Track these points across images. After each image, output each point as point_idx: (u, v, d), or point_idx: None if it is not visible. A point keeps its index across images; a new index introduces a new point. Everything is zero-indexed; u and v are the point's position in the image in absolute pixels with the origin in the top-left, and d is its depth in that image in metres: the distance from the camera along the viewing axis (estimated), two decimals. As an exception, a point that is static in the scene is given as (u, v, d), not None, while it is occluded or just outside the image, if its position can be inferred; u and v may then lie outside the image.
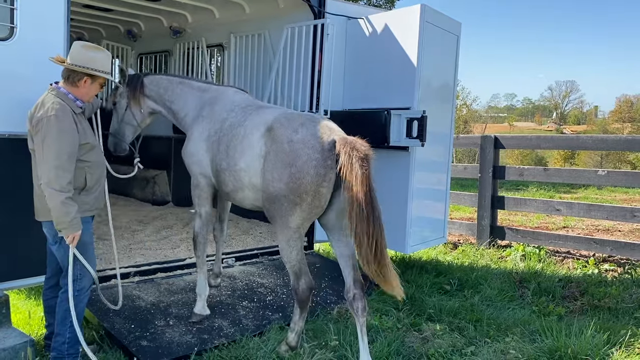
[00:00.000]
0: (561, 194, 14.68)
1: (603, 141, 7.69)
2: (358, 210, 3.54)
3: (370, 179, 3.60)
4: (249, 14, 7.30)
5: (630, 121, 72.77)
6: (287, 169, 3.74)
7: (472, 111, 53.09)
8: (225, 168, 4.24)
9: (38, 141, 3.39)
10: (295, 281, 3.98)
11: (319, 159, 3.71)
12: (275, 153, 3.84)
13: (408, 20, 5.80)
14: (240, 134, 4.18)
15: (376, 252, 3.60)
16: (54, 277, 3.90)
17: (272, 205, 3.88)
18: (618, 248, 6.89)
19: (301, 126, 3.86)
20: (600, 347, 4.16)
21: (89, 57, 3.63)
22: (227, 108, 4.52)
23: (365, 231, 3.54)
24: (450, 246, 8.06)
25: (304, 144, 3.75)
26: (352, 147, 3.64)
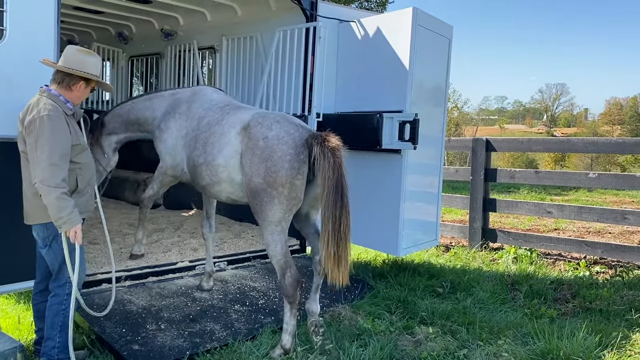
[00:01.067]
0: (552, 196, 14.75)
1: (593, 144, 7.74)
2: (329, 195, 3.85)
3: (343, 167, 3.92)
4: (241, 17, 7.29)
5: (620, 124, 73.43)
6: (264, 164, 4.00)
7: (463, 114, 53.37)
8: (202, 163, 4.46)
9: (31, 142, 3.39)
10: (281, 276, 4.10)
11: (293, 153, 3.97)
12: (251, 150, 4.09)
13: (400, 23, 5.81)
14: (218, 131, 4.43)
15: (340, 234, 3.87)
16: (44, 281, 3.86)
17: (254, 200, 4.10)
18: (609, 250, 6.92)
19: (275, 123, 4.14)
20: (592, 350, 4.18)
21: (84, 61, 3.67)
22: (205, 106, 4.76)
23: (333, 214, 3.84)
24: (442, 249, 8.07)
25: (278, 140, 4.02)
26: (324, 139, 3.95)
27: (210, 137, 4.45)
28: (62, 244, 3.53)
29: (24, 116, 3.49)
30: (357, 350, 4.10)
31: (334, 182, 3.84)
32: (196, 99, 4.91)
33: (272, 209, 4.01)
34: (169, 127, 4.89)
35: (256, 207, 4.11)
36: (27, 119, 3.43)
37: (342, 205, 3.87)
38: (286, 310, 4.12)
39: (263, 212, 4.05)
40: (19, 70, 3.95)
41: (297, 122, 4.22)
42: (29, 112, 3.46)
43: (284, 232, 4.13)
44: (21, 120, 3.51)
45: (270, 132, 4.07)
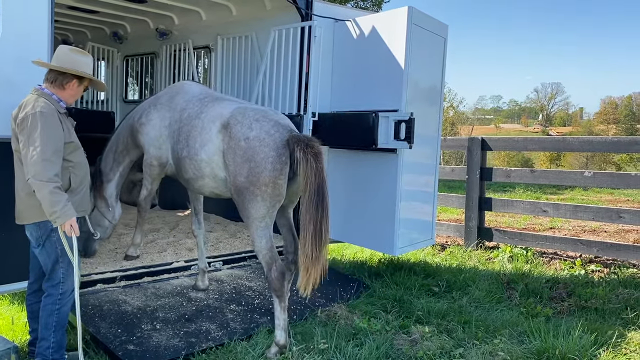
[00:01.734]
0: (548, 195, 14.78)
1: (589, 142, 7.75)
2: (311, 199, 3.96)
3: (324, 173, 4.04)
4: (236, 16, 7.27)
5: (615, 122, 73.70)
6: (247, 164, 4.08)
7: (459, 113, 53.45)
8: (185, 156, 4.53)
9: (24, 139, 3.40)
10: (267, 271, 4.18)
11: (274, 155, 4.05)
12: (233, 150, 4.16)
13: (395, 22, 5.80)
14: (198, 125, 4.48)
15: (320, 237, 3.96)
16: (37, 282, 3.84)
17: (239, 197, 4.18)
18: (604, 249, 6.94)
19: (255, 122, 4.18)
20: (587, 348, 4.18)
21: (76, 60, 3.68)
22: (186, 98, 4.83)
23: (314, 217, 3.94)
24: (438, 248, 8.08)
25: (260, 141, 4.08)
26: (306, 144, 4.02)
27: (191, 130, 4.51)
28: (56, 243, 3.53)
29: (16, 114, 3.50)
30: (353, 349, 4.10)
31: (315, 187, 3.95)
32: (178, 91, 4.97)
33: (255, 206, 4.10)
34: (150, 118, 4.92)
35: (240, 204, 4.20)
36: (19, 117, 3.45)
37: (323, 209, 3.98)
38: (275, 305, 4.16)
39: (247, 209, 4.14)
40: (12, 70, 3.93)
41: (275, 120, 4.25)
42: (21, 110, 3.47)
43: (269, 228, 4.19)
44: (14, 118, 3.52)
45: (250, 132, 4.12)
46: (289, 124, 4.34)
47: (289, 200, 4.39)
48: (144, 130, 4.96)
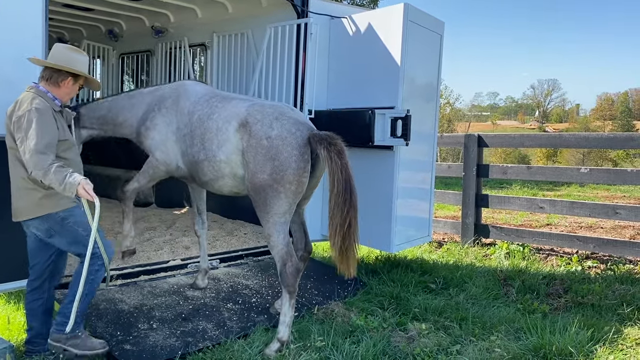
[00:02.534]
0: (544, 191, 14.80)
1: (585, 139, 7.76)
2: (340, 195, 4.03)
3: (350, 169, 4.10)
4: (232, 13, 7.25)
5: (611, 119, 73.91)
6: (270, 162, 4.08)
7: (455, 110, 53.50)
8: (203, 159, 4.47)
9: (20, 136, 3.44)
10: (282, 266, 4.17)
11: (297, 154, 4.09)
12: (254, 148, 4.15)
13: (391, 19, 5.79)
14: (212, 127, 4.42)
15: (349, 230, 4.03)
16: (38, 279, 3.85)
17: (258, 195, 4.17)
18: (601, 245, 6.95)
19: (275, 120, 4.18)
20: (584, 344, 4.19)
21: (72, 58, 3.71)
22: (192, 100, 4.71)
23: (343, 212, 4.01)
24: (435, 245, 8.08)
25: (282, 140, 4.10)
26: (329, 142, 4.08)
27: (205, 132, 4.45)
28: (73, 225, 3.64)
29: (12, 112, 3.53)
30: (350, 347, 4.09)
31: (343, 184, 4.03)
32: (180, 92, 4.85)
33: (278, 202, 4.13)
34: (155, 123, 4.80)
35: (259, 201, 4.19)
36: (15, 115, 3.48)
37: (351, 203, 4.05)
38: (285, 301, 4.17)
39: (268, 205, 4.15)
40: (6, 69, 3.91)
41: (295, 118, 4.27)
42: (17, 108, 3.50)
43: (287, 223, 4.24)
44: (9, 116, 3.55)
45: (272, 131, 4.13)
46: (307, 121, 4.40)
47: (304, 196, 4.42)
48: (149, 135, 4.80)
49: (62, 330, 3.66)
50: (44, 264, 3.85)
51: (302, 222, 4.69)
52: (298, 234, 4.67)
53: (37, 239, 3.77)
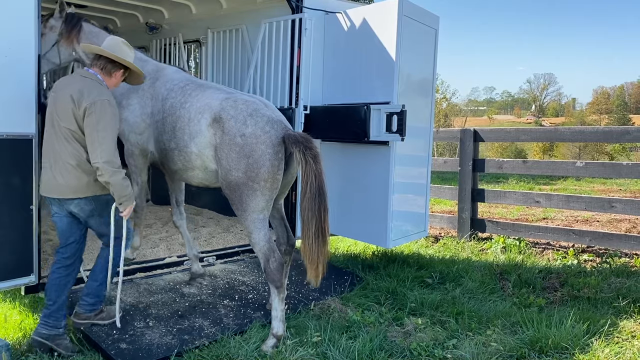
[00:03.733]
0: (540, 185, 14.83)
1: (581, 133, 7.76)
2: (314, 200, 4.08)
3: (323, 174, 4.15)
4: (226, 9, 7.22)
5: (607, 112, 74.06)
6: (244, 160, 4.11)
7: (451, 105, 53.51)
8: (174, 148, 4.50)
9: (91, 122, 3.66)
10: (265, 263, 4.20)
11: (272, 152, 4.11)
12: (228, 145, 4.16)
13: (386, 14, 5.78)
14: (185, 116, 4.44)
15: (322, 232, 4.09)
16: (72, 257, 4.02)
17: (234, 192, 4.20)
18: (597, 238, 6.97)
19: (249, 117, 4.18)
20: (580, 337, 4.21)
21: (125, 51, 3.99)
22: (167, 87, 4.72)
23: (316, 215, 4.07)
24: (431, 239, 8.09)
25: (256, 138, 4.11)
26: (305, 146, 4.09)
27: (177, 121, 4.48)
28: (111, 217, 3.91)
29: (79, 97, 3.69)
30: (346, 342, 4.10)
31: (316, 188, 4.07)
32: (159, 76, 4.84)
33: (254, 200, 4.15)
34: (130, 103, 4.77)
35: (236, 198, 4.21)
36: (86, 101, 3.67)
37: (324, 208, 4.11)
38: (274, 296, 4.20)
39: (244, 203, 4.18)
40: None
41: (269, 116, 4.25)
42: (86, 94, 3.69)
43: (266, 220, 4.26)
44: (76, 100, 3.68)
45: (246, 129, 4.13)
46: (282, 119, 4.37)
47: (280, 191, 4.45)
48: (123, 114, 4.72)
49: (94, 309, 4.12)
50: (77, 243, 4.04)
51: (282, 217, 4.73)
52: (279, 228, 4.71)
53: (69, 219, 3.94)
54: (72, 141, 3.75)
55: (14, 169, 4.02)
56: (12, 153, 4.00)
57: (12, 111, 3.99)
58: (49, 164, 3.81)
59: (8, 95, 3.95)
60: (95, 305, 4.11)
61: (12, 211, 4.02)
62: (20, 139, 4.05)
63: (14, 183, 4.02)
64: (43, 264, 4.66)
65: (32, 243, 4.16)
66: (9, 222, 3.98)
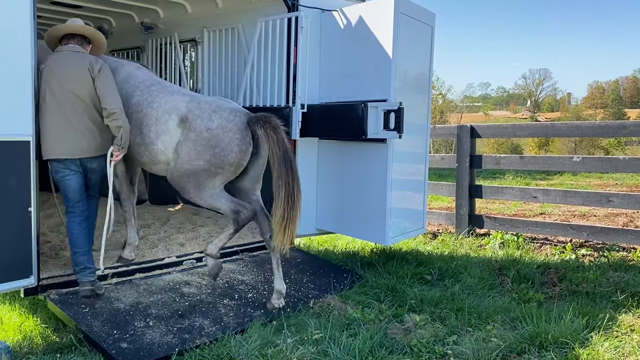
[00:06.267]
0: (537, 181, 14.86)
1: (577, 127, 7.79)
2: (280, 166, 4.42)
3: (287, 141, 4.52)
4: (222, 8, 7.21)
5: (603, 107, 74.19)
6: (210, 150, 4.51)
7: (447, 101, 53.51)
8: (140, 143, 4.79)
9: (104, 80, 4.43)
10: (235, 216, 4.64)
11: (239, 137, 4.54)
12: (194, 140, 4.55)
13: (382, 11, 5.78)
14: (152, 115, 4.75)
15: (293, 197, 4.43)
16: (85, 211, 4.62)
17: (189, 178, 4.61)
18: (594, 233, 6.99)
19: (213, 113, 4.61)
20: (579, 332, 4.22)
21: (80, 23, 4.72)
22: (132, 84, 4.99)
23: (285, 181, 4.41)
24: (429, 236, 8.10)
25: (223, 129, 4.54)
26: (264, 121, 4.53)
27: (144, 119, 4.76)
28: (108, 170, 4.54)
29: (92, 66, 4.40)
30: (347, 339, 4.10)
31: (281, 155, 4.42)
32: (119, 72, 5.03)
33: (213, 182, 4.59)
34: None
35: (191, 184, 4.61)
36: (97, 66, 4.42)
37: (293, 173, 4.45)
38: (227, 230, 4.74)
39: (202, 185, 4.58)
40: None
41: (231, 108, 4.72)
42: (94, 61, 4.46)
43: (223, 190, 4.70)
44: (91, 69, 4.39)
45: (212, 123, 4.56)
46: (243, 109, 4.84)
47: (255, 178, 4.86)
48: None
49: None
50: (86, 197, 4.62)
51: (261, 207, 4.96)
52: (260, 218, 4.90)
53: (81, 176, 4.51)
54: (90, 108, 4.40)
55: (11, 171, 4.00)
56: (9, 156, 3.99)
57: (8, 114, 3.97)
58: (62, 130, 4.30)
59: (3, 98, 3.94)
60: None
61: (10, 213, 4.01)
62: (17, 142, 4.03)
63: (11, 185, 4.01)
64: (42, 266, 4.65)
65: (30, 245, 4.15)
66: (7, 224, 3.97)
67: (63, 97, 4.29)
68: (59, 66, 4.33)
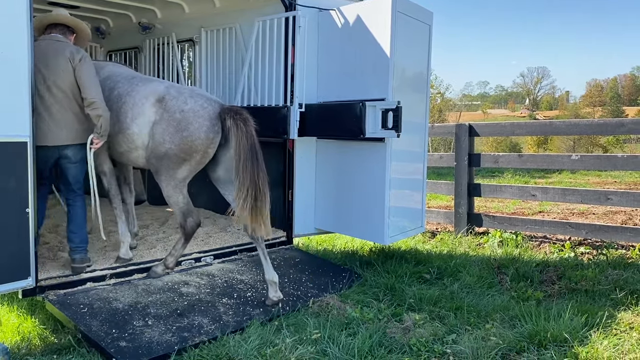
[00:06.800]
0: (536, 179, 14.88)
1: (575, 125, 7.79)
2: (246, 158, 4.53)
3: (255, 135, 4.64)
4: (219, 8, 7.20)
5: (601, 105, 74.30)
6: (180, 134, 4.63)
7: (446, 100, 53.50)
8: (117, 132, 4.88)
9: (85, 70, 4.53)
10: (183, 220, 4.86)
11: (208, 125, 4.67)
12: (167, 121, 4.68)
13: (380, 10, 5.78)
14: (129, 102, 4.87)
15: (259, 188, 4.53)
16: None
17: (161, 161, 4.74)
18: (593, 231, 6.99)
19: (190, 98, 4.75)
20: (578, 330, 4.22)
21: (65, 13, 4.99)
22: (114, 79, 5.14)
23: (251, 172, 4.52)
24: (428, 235, 8.10)
25: (194, 113, 4.67)
26: (235, 112, 4.69)
27: (122, 106, 4.88)
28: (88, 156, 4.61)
29: (72, 56, 4.52)
30: (346, 339, 4.10)
31: (248, 147, 4.55)
32: (101, 72, 5.15)
33: (180, 169, 4.73)
34: None
35: (162, 167, 4.75)
36: (77, 55, 4.54)
37: (258, 165, 4.56)
38: (180, 241, 5.00)
39: (170, 170, 4.73)
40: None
41: (207, 97, 4.88)
42: (75, 51, 4.58)
43: (185, 186, 4.87)
44: (71, 60, 4.50)
45: (186, 105, 4.69)
46: (219, 100, 4.99)
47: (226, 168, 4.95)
48: None
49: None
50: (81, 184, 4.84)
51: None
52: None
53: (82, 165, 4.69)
54: (69, 98, 4.51)
55: (9, 172, 3.98)
56: (6, 157, 3.97)
57: (4, 115, 3.95)
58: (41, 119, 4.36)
59: (0, 99, 3.92)
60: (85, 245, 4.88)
61: (8, 214, 4.00)
62: (15, 142, 4.02)
63: (9, 186, 3.99)
64: (40, 267, 4.65)
65: (29, 246, 4.13)
66: (5, 225, 3.95)
67: (43, 86, 4.42)
68: (40, 55, 4.42)
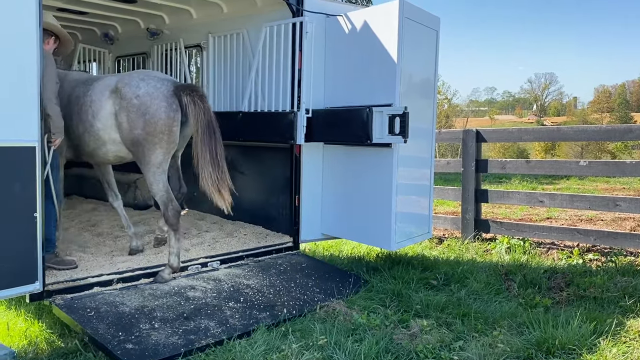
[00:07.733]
0: (544, 185, 14.81)
1: (583, 131, 7.75)
2: (204, 132, 4.76)
3: (211, 111, 4.89)
4: (227, 14, 7.23)
5: (609, 111, 74.00)
6: (142, 118, 4.76)
7: (453, 106, 53.50)
8: (83, 132, 5.03)
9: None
10: (165, 209, 4.98)
11: (166, 105, 4.79)
12: (126, 108, 4.80)
13: (387, 16, 5.78)
14: (87, 101, 5.00)
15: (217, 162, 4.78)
16: None
17: (137, 148, 4.86)
18: (601, 237, 6.94)
19: (141, 81, 4.86)
20: (587, 337, 4.18)
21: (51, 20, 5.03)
22: (72, 85, 5.28)
23: (209, 146, 4.76)
24: (435, 241, 8.08)
25: (149, 95, 4.79)
26: (191, 89, 4.89)
27: (82, 106, 5.01)
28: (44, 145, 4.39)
29: None
30: (352, 345, 4.09)
31: (206, 122, 4.75)
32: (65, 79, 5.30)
33: (154, 153, 4.83)
34: None
35: (139, 154, 4.87)
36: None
37: (216, 139, 4.78)
38: (171, 237, 5.04)
39: (146, 157, 4.84)
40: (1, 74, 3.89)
41: (159, 77, 4.98)
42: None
43: (165, 173, 4.97)
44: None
45: (139, 90, 4.80)
46: (171, 78, 5.16)
47: (179, 145, 5.14)
48: None
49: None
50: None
51: (177, 168, 5.48)
52: (174, 177, 5.41)
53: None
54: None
55: (17, 177, 4.00)
56: (15, 161, 3.99)
57: (13, 120, 3.97)
58: None
59: (10, 104, 3.95)
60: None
61: (16, 219, 4.01)
62: (23, 147, 4.04)
63: (17, 191, 4.00)
64: (47, 272, 4.66)
65: (36, 251, 4.15)
66: (13, 230, 3.97)
67: None
68: None
